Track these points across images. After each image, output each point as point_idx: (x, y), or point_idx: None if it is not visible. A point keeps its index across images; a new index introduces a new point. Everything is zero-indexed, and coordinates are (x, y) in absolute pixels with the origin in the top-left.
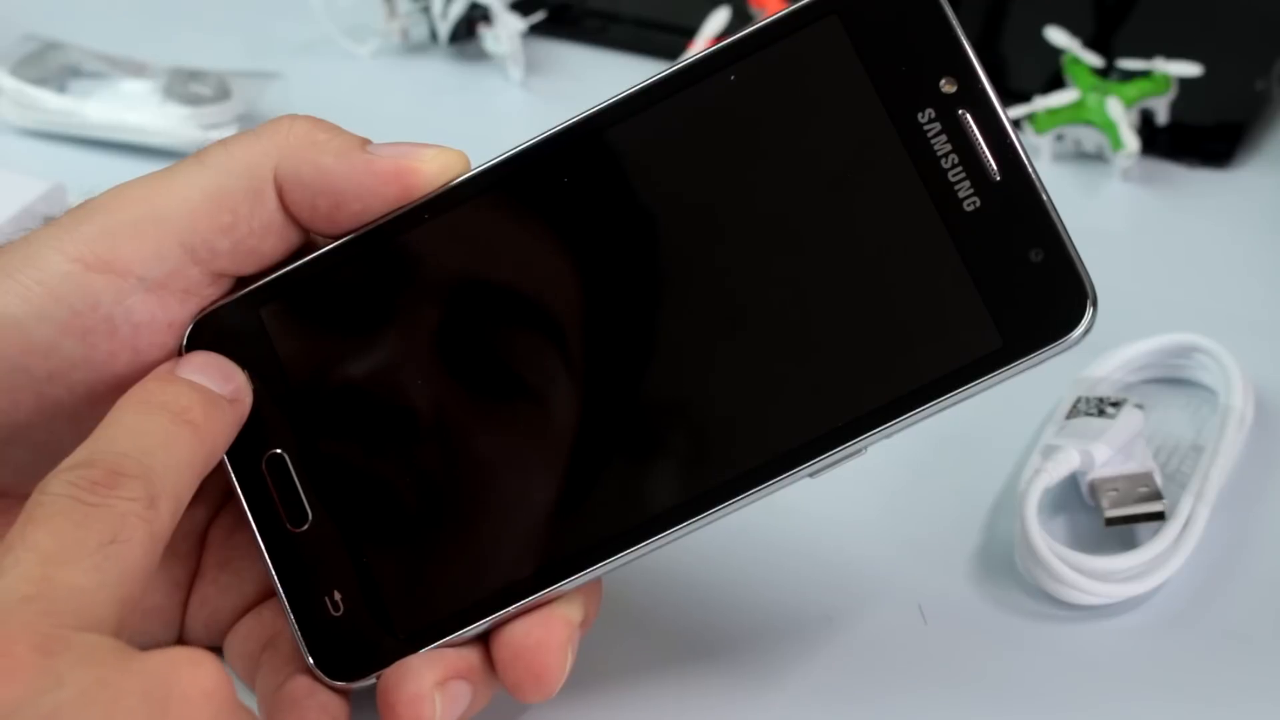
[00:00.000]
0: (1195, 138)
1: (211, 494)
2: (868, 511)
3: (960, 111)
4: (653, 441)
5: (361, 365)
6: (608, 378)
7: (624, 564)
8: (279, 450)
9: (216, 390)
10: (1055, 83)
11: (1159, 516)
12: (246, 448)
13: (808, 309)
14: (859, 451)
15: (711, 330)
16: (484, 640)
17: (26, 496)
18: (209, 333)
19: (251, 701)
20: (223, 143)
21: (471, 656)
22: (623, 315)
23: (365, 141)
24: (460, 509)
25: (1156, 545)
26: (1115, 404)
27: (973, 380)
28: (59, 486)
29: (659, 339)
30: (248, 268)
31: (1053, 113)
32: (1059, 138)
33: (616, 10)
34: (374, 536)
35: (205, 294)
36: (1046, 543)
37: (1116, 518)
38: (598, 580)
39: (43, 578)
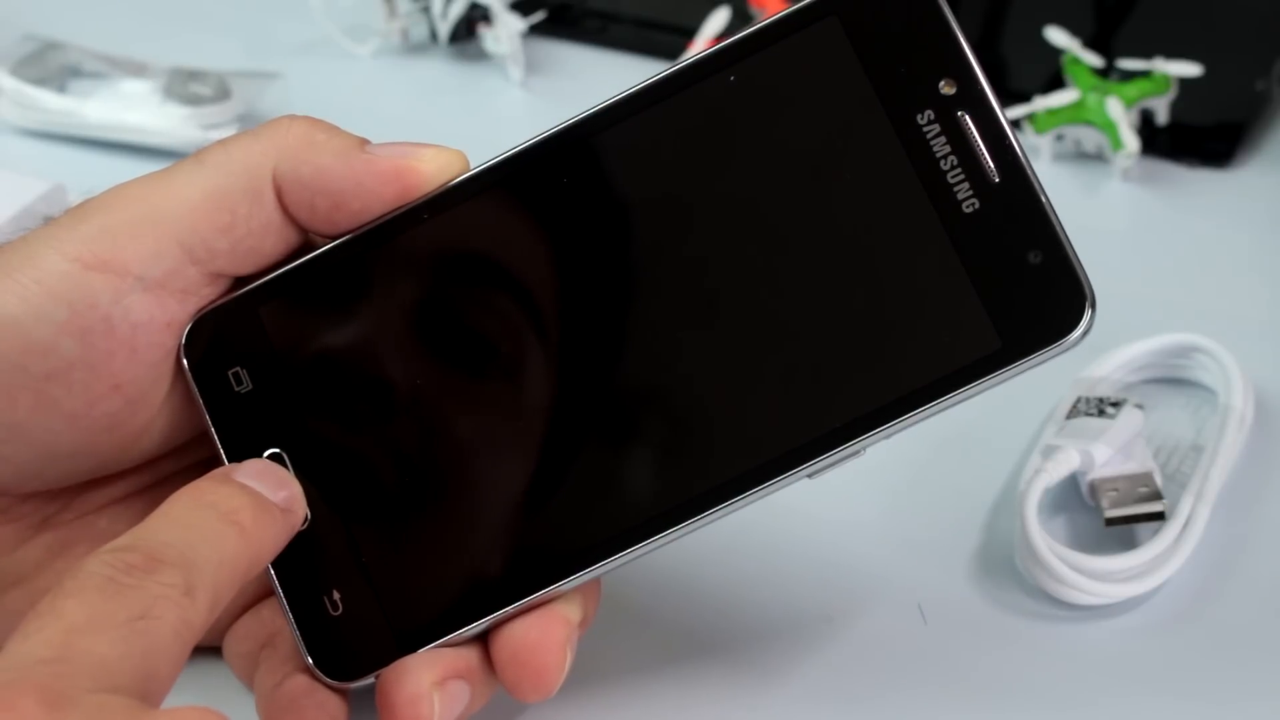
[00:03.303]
0: (1195, 138)
1: None
2: (868, 511)
3: (959, 113)
4: (651, 442)
5: (359, 365)
6: (607, 378)
7: (623, 564)
8: (277, 450)
9: (269, 497)
10: (1055, 83)
11: (1159, 516)
12: (245, 447)
13: (806, 310)
14: (857, 453)
15: (710, 331)
16: (483, 640)
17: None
18: (207, 332)
19: (249, 700)
20: (222, 143)
21: (470, 656)
22: (622, 316)
23: (364, 141)
24: (459, 509)
25: (1156, 545)
26: (1115, 404)
27: (971, 382)
28: (96, 565)
29: (658, 340)
30: (246, 268)
31: (1053, 113)
32: (1059, 138)
33: (616, 10)
34: (373, 536)
35: (203, 294)
36: (1046, 543)
37: (1116, 518)
38: (596, 580)
39: (64, 644)
